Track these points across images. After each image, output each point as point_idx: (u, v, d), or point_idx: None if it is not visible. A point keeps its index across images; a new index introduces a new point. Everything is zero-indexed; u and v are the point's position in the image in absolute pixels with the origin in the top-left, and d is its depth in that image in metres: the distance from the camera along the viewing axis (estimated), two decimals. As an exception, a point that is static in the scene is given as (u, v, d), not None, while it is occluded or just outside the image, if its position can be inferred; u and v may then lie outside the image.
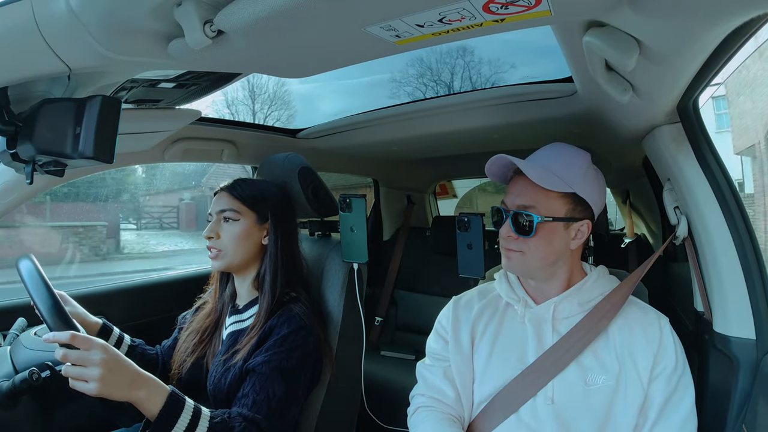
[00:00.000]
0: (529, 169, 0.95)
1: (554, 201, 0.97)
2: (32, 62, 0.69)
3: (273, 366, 1.04)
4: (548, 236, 0.97)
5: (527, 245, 0.97)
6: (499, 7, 0.57)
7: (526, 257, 0.98)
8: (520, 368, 0.98)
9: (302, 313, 1.13)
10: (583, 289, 1.02)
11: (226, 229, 1.17)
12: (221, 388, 1.09)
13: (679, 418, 0.91)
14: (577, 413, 0.93)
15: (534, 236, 0.96)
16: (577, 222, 0.98)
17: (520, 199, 0.98)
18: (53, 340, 0.84)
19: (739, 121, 8.86)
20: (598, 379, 0.94)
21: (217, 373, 1.12)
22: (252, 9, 0.58)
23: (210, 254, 1.18)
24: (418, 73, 7.17)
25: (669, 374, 0.92)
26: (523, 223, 0.97)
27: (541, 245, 0.97)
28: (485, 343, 1.04)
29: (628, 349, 0.95)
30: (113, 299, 1.64)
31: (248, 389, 1.03)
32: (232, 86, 1.21)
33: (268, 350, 1.06)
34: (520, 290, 1.06)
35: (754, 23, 0.60)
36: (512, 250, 0.99)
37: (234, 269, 1.21)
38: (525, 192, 0.98)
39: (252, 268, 1.22)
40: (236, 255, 1.17)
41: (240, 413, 0.98)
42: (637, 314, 0.99)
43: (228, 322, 1.23)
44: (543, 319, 1.01)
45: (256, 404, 1.00)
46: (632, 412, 0.91)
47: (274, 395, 1.02)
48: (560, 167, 0.99)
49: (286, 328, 1.09)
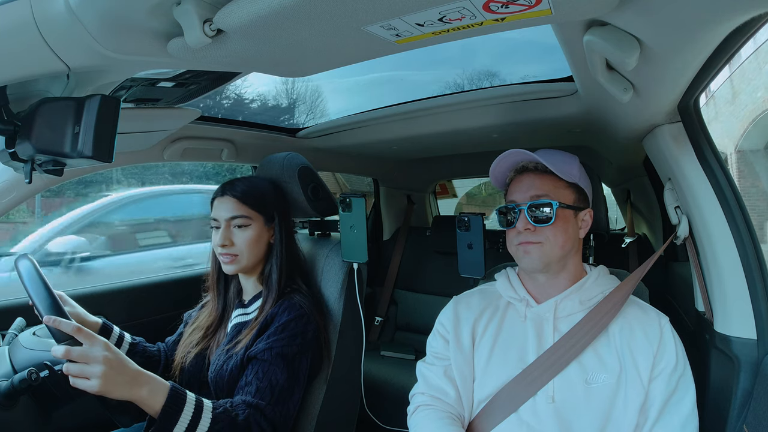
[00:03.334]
0: (546, 158, 1.01)
1: (563, 190, 1.02)
2: (31, 61, 0.69)
3: (275, 353, 1.05)
4: (564, 224, 1.00)
5: (546, 235, 1.00)
6: (499, 6, 0.57)
7: (545, 247, 1.00)
8: (521, 367, 0.98)
9: (302, 302, 1.14)
10: (584, 288, 1.03)
11: (238, 235, 1.18)
12: (222, 375, 1.10)
13: (680, 418, 0.91)
14: (577, 412, 0.93)
15: (553, 223, 0.99)
16: (582, 211, 1.05)
17: (533, 190, 1.02)
18: (55, 325, 0.84)
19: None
20: (599, 378, 0.94)
21: (219, 361, 1.13)
22: (251, 8, 0.58)
23: (224, 260, 1.18)
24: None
25: (669, 373, 0.93)
26: (541, 213, 1.00)
27: (559, 233, 1.00)
28: (486, 343, 1.05)
29: (628, 348, 0.95)
30: (112, 299, 1.63)
31: (251, 377, 1.04)
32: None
33: (270, 337, 1.07)
34: (522, 290, 1.07)
35: (754, 23, 0.60)
36: (531, 242, 1.00)
37: (245, 270, 1.22)
38: (536, 184, 1.02)
39: (259, 265, 1.23)
40: (250, 258, 1.19)
41: (244, 401, 0.99)
42: (638, 313, 0.99)
43: (234, 314, 1.25)
44: (544, 318, 1.02)
45: (260, 391, 1.01)
46: (633, 411, 0.91)
47: (277, 382, 1.03)
48: (560, 164, 1.03)
49: (286, 316, 1.10)
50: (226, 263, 1.18)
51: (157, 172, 4.44)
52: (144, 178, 4.10)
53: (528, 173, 1.05)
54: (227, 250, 1.17)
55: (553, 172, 1.01)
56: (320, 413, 1.19)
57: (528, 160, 1.05)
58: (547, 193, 1.01)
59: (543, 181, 1.02)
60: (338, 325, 1.25)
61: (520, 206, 1.01)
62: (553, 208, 0.99)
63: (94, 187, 3.59)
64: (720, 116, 8.47)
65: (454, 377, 1.04)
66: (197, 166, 5.08)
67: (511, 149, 1.04)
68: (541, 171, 1.04)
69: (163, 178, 4.15)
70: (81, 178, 2.36)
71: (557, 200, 1.00)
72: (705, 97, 2.55)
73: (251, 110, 5.30)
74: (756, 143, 7.95)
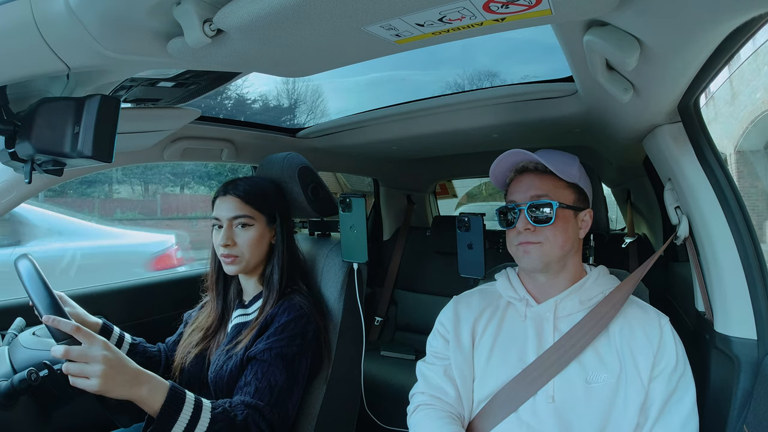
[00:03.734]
0: (546, 158, 1.01)
1: (563, 190, 1.02)
2: (31, 61, 0.69)
3: (274, 353, 1.05)
4: (564, 224, 1.00)
5: (545, 235, 0.99)
6: (499, 6, 0.57)
7: (545, 247, 1.00)
8: (521, 367, 0.98)
9: (302, 303, 1.14)
10: (585, 287, 1.03)
11: (241, 235, 1.17)
12: (222, 376, 1.09)
13: (679, 418, 0.91)
14: (577, 412, 0.93)
15: (553, 224, 0.99)
16: (582, 211, 1.05)
17: (533, 190, 1.02)
18: (54, 325, 0.84)
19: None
20: (599, 378, 0.94)
21: (219, 361, 1.13)
22: (251, 8, 0.58)
23: (226, 260, 1.18)
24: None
25: (669, 373, 0.93)
26: (541, 213, 1.00)
27: (559, 233, 0.99)
28: (486, 342, 1.05)
29: (628, 347, 0.95)
30: (112, 299, 1.63)
31: (250, 377, 1.04)
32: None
33: (269, 338, 1.07)
34: (522, 289, 1.07)
35: (754, 23, 0.60)
36: (531, 242, 1.00)
37: (247, 271, 1.22)
38: (536, 184, 1.02)
39: (260, 266, 1.23)
40: (252, 259, 1.19)
41: (242, 401, 0.99)
42: (638, 313, 0.99)
43: (234, 315, 1.25)
44: (544, 318, 1.02)
45: (259, 391, 1.01)
46: (633, 411, 0.91)
47: (276, 382, 1.03)
48: (560, 164, 1.03)
49: (286, 316, 1.10)
50: (228, 263, 1.18)
51: (159, 172, 4.49)
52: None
53: (528, 173, 1.05)
54: (229, 251, 1.16)
55: (553, 172, 1.01)
56: (320, 413, 1.19)
57: (528, 161, 1.05)
58: (546, 193, 1.01)
59: (543, 182, 1.02)
60: (338, 325, 1.25)
61: (520, 206, 1.01)
62: (553, 208, 0.99)
63: (97, 187, 3.64)
64: (720, 117, 8.49)
65: (454, 377, 1.04)
66: (198, 166, 5.10)
67: (512, 149, 1.04)
68: (541, 171, 1.04)
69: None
70: (82, 178, 2.37)
71: (557, 200, 1.00)
72: (705, 98, 2.56)
73: (252, 110, 5.31)
74: (755, 143, 7.96)
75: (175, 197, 7.13)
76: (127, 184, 6.57)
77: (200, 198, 6.71)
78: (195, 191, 5.70)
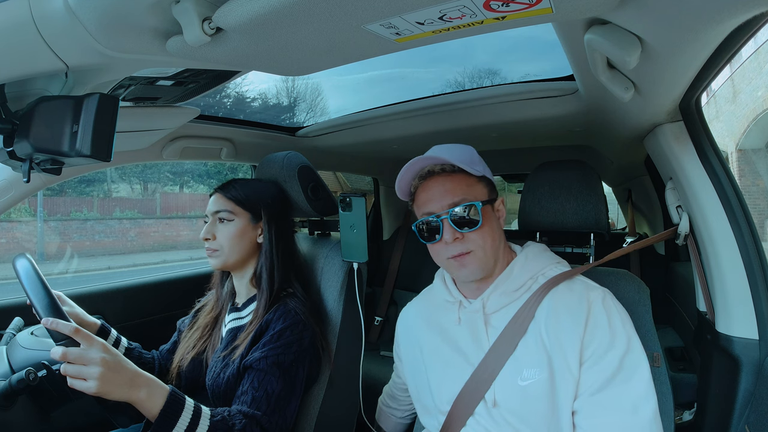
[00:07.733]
0: (449, 155, 0.93)
1: (476, 186, 0.95)
2: (29, 60, 0.69)
3: (271, 362, 1.05)
4: (489, 222, 0.93)
5: (475, 240, 0.92)
6: (500, 4, 0.57)
7: (479, 254, 0.92)
8: (470, 371, 0.93)
9: (297, 309, 1.14)
10: (512, 276, 0.96)
11: (221, 229, 1.20)
12: (219, 384, 1.09)
13: (629, 399, 0.80)
14: (519, 416, 0.86)
15: (481, 226, 0.91)
16: (496, 201, 0.98)
17: (449, 196, 0.93)
18: (53, 327, 0.84)
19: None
20: (530, 375, 0.86)
21: (216, 368, 1.12)
22: (251, 6, 0.58)
23: (207, 253, 1.21)
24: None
25: (602, 354, 0.82)
26: (465, 218, 0.91)
27: (487, 234, 0.92)
28: (432, 355, 1.02)
29: (555, 335, 0.86)
30: (111, 299, 1.63)
31: (247, 386, 1.03)
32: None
33: (265, 346, 1.07)
34: (455, 290, 1.03)
35: (756, 21, 0.59)
36: (464, 254, 0.92)
37: (231, 267, 1.22)
38: (449, 187, 0.94)
39: (249, 265, 1.23)
40: (232, 254, 1.19)
41: (240, 410, 0.98)
42: (564, 294, 0.90)
43: (227, 319, 1.24)
44: (476, 317, 0.96)
45: (256, 401, 1.01)
46: (567, 408, 0.83)
47: (273, 391, 1.02)
48: (460, 158, 0.95)
49: (281, 323, 1.10)
50: (209, 257, 1.21)
51: (158, 171, 4.49)
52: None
53: (435, 177, 0.96)
54: (209, 244, 1.19)
55: (462, 169, 0.94)
56: (320, 414, 1.19)
57: (432, 163, 0.96)
58: (464, 195, 0.92)
59: (455, 183, 0.94)
60: (338, 326, 1.24)
61: (441, 216, 0.92)
62: (478, 209, 0.91)
63: (96, 186, 3.63)
64: (721, 115, 8.49)
65: (408, 392, 1.11)
66: (197, 165, 5.10)
67: (412, 159, 0.95)
68: (448, 171, 0.96)
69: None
70: (81, 176, 2.37)
71: (477, 199, 0.92)
72: (706, 96, 2.54)
73: (251, 109, 5.31)
74: (757, 142, 7.97)
75: (175, 196, 7.16)
76: (126, 182, 6.59)
77: (199, 197, 6.73)
78: (194, 190, 5.73)
